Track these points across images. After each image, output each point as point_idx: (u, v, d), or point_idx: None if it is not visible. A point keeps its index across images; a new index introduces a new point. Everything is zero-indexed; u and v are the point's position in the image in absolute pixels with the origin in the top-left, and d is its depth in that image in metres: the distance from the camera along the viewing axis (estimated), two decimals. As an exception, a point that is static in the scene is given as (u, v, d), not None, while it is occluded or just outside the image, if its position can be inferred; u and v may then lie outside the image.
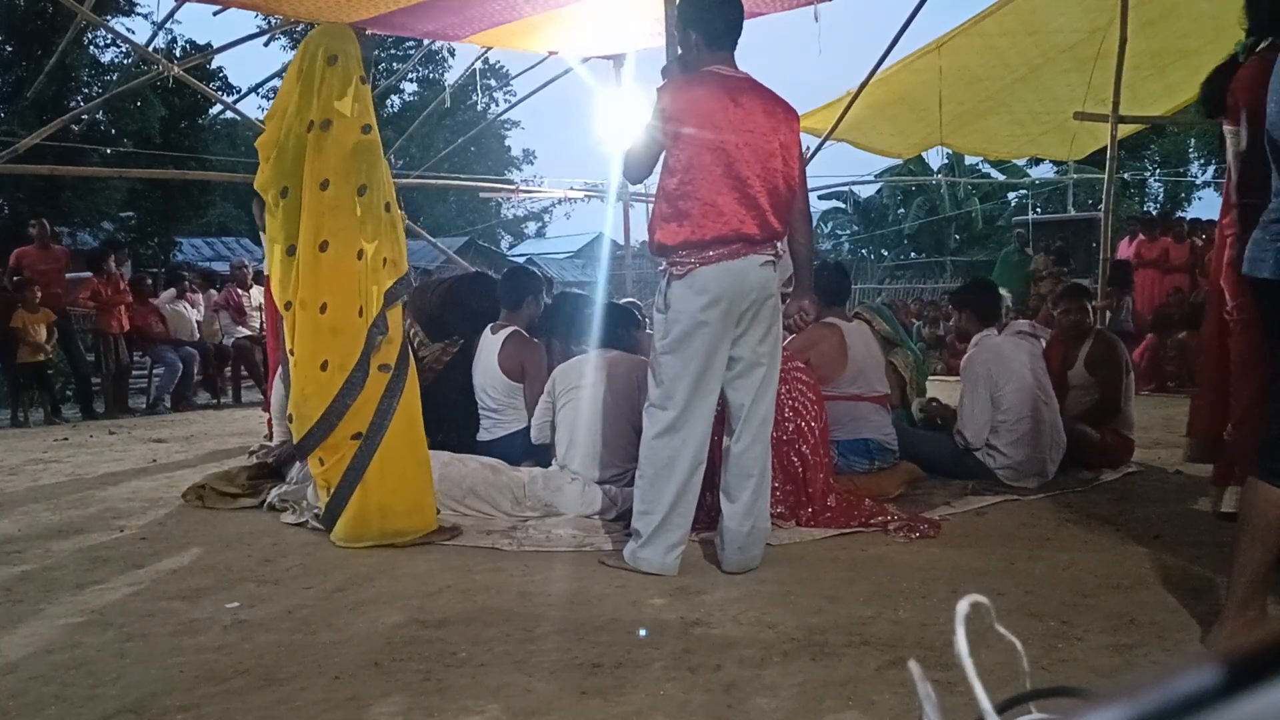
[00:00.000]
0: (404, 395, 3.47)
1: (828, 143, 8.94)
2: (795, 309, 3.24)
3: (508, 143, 36.82)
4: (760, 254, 2.97)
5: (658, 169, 3.07)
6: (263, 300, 9.75)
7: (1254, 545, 2.16)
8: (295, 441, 3.54)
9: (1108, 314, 7.24)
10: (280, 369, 4.89)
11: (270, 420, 5.36)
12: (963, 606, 0.57)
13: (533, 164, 38.09)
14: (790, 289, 3.36)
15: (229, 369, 9.92)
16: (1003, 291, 5.91)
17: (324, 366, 3.46)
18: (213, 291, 10.15)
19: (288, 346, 3.62)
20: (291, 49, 23.78)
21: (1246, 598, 2.18)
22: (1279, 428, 2.13)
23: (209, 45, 18.80)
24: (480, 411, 4.37)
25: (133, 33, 19.59)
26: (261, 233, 5.91)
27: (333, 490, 3.50)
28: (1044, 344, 4.92)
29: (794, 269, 3.22)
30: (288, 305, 3.55)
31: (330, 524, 3.53)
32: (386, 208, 3.50)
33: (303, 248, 3.49)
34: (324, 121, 3.48)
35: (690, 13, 3.08)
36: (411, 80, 31.08)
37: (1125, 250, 10.20)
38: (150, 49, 9.49)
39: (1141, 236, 10.58)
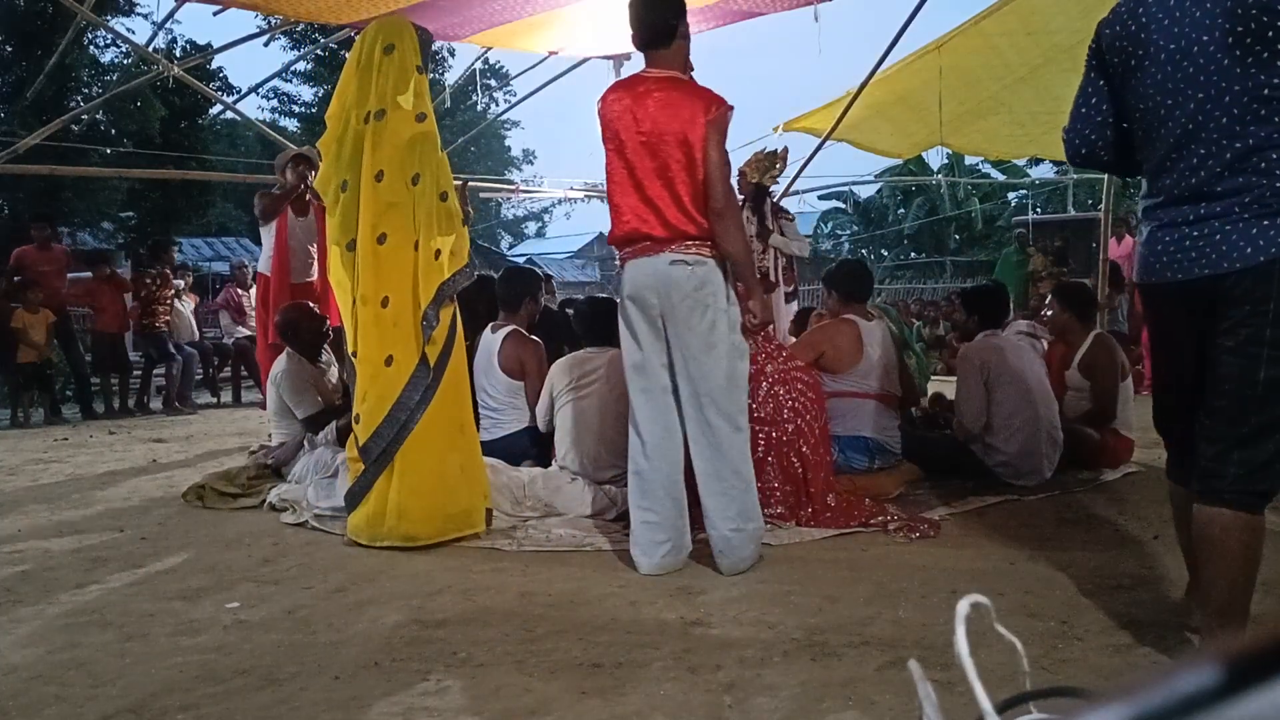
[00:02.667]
0: (436, 400, 3.40)
1: (828, 143, 8.94)
2: (744, 314, 3.09)
3: (508, 143, 36.83)
4: (669, 253, 2.96)
5: None
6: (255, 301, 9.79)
7: (1224, 567, 2.04)
8: (361, 444, 3.45)
9: (1105, 315, 7.24)
10: (273, 371, 4.88)
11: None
12: (963, 606, 0.57)
13: (533, 164, 38.11)
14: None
15: (229, 369, 9.92)
16: None
17: (388, 362, 3.41)
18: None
19: (349, 348, 3.55)
20: (292, 49, 23.80)
21: (1236, 614, 2.06)
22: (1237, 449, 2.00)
23: (209, 45, 18.80)
24: (480, 411, 4.36)
25: (133, 33, 19.60)
26: (261, 227, 5.94)
27: (356, 477, 3.48)
28: (1045, 345, 4.92)
29: (733, 270, 3.06)
30: (353, 304, 3.52)
31: (351, 506, 3.50)
32: (443, 197, 3.43)
33: (361, 242, 3.44)
34: (379, 111, 3.44)
35: None
36: (411, 80, 30.99)
37: (1115, 251, 10.21)
38: (150, 49, 9.49)
39: (1130, 237, 10.59)
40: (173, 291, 9.14)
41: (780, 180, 6.78)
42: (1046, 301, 5.24)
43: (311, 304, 5.32)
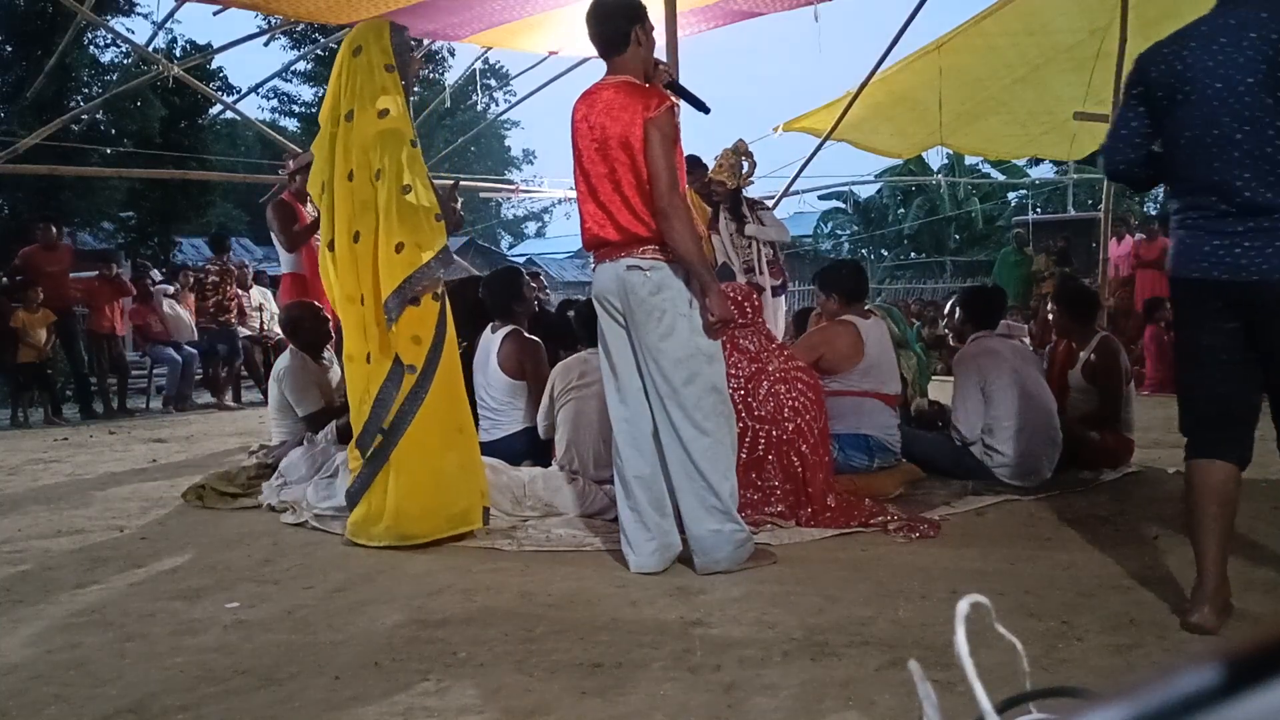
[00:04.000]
0: (429, 399, 3.41)
1: (828, 143, 8.95)
2: (702, 313, 2.99)
3: (508, 143, 36.84)
4: (626, 258, 2.97)
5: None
6: (263, 301, 9.83)
7: (1205, 523, 2.41)
8: (355, 438, 3.52)
9: (1103, 314, 7.23)
10: (275, 368, 4.88)
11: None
12: (963, 606, 0.57)
13: (533, 164, 38.13)
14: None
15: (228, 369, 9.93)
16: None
17: (369, 359, 3.46)
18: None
19: (346, 349, 3.60)
20: (292, 49, 23.80)
21: (1219, 575, 2.40)
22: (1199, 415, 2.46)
23: (209, 45, 18.78)
24: (480, 411, 4.37)
25: (133, 33, 19.60)
26: (274, 238, 5.91)
27: (354, 477, 3.52)
28: (1026, 342, 4.93)
29: (686, 270, 2.99)
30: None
31: (352, 505, 3.53)
32: (405, 190, 3.41)
33: (338, 241, 3.49)
34: (348, 113, 3.50)
35: None
36: (412, 80, 31.01)
37: (1115, 251, 10.21)
38: (150, 49, 9.50)
39: (1141, 237, 10.58)
40: (234, 285, 9.28)
41: (754, 180, 6.74)
42: (1048, 306, 5.25)
43: (317, 302, 5.31)
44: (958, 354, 4.63)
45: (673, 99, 3.04)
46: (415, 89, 3.83)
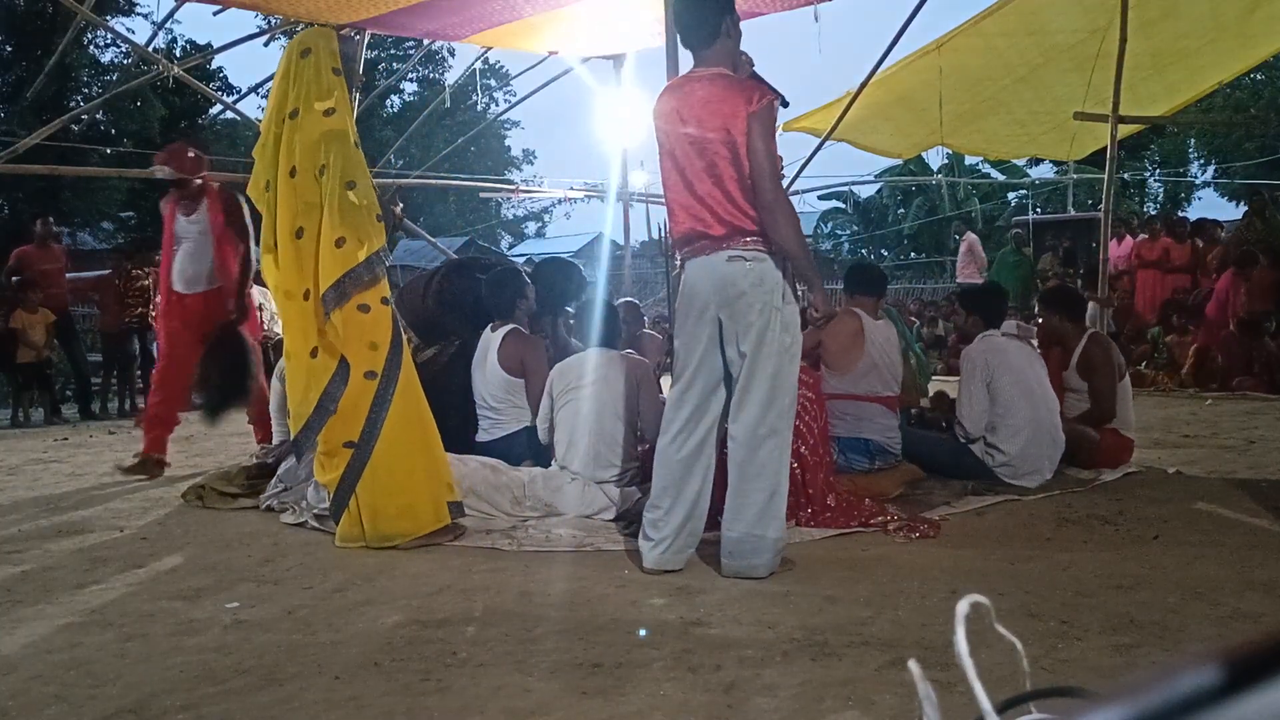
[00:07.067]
0: (395, 402, 3.45)
1: (828, 143, 8.95)
2: (808, 308, 3.13)
3: (508, 143, 36.80)
4: (727, 249, 2.94)
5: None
6: (263, 300, 9.81)
7: None
8: (293, 437, 3.55)
9: (1105, 314, 7.23)
10: (278, 366, 4.89)
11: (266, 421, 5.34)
12: (963, 606, 0.57)
13: (533, 164, 38.07)
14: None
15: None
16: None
17: (314, 354, 3.49)
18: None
19: (286, 346, 3.64)
20: (291, 49, 23.84)
21: None
22: None
23: (209, 45, 18.81)
24: (479, 411, 4.37)
25: (133, 33, 19.59)
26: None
27: (331, 494, 3.53)
28: (1035, 345, 4.95)
29: (791, 265, 3.03)
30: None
31: (335, 518, 3.56)
32: (349, 186, 3.45)
33: (281, 238, 3.53)
34: (293, 111, 3.54)
35: None
36: (411, 80, 31.10)
37: (1115, 251, 10.22)
38: (150, 49, 9.51)
39: (1143, 237, 10.59)
40: (127, 280, 8.77)
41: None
42: (1035, 311, 5.28)
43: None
44: (964, 351, 4.64)
45: (775, 92, 2.99)
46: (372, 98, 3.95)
